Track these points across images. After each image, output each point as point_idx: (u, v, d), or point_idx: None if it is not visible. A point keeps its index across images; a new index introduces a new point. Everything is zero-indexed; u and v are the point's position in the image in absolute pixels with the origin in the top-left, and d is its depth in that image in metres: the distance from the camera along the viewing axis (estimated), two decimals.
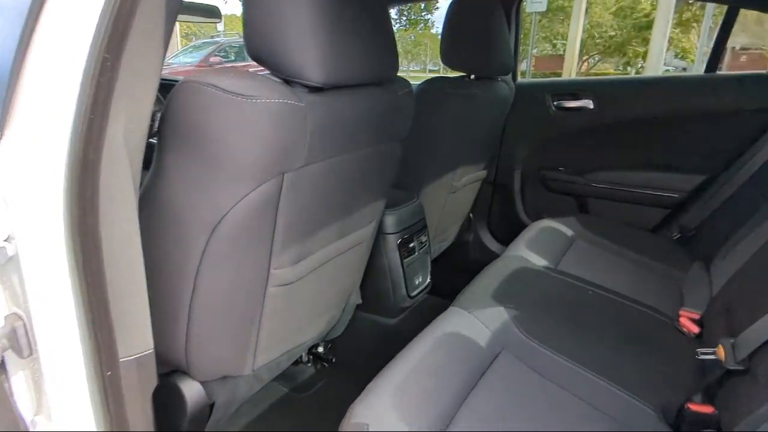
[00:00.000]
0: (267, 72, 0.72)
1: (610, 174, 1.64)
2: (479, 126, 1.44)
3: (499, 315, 0.98)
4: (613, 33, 16.19)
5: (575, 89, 1.70)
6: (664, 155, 1.57)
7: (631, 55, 16.34)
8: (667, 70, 14.72)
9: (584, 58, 17.01)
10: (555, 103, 1.73)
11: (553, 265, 1.29)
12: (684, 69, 17.84)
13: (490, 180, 1.88)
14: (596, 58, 17.96)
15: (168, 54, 1.20)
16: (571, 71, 13.85)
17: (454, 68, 1.41)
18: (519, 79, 1.82)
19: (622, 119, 1.62)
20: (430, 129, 1.32)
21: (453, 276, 1.91)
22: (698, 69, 10.56)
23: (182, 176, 0.67)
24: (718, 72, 1.53)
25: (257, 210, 0.69)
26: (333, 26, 0.68)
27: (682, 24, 14.81)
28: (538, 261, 1.28)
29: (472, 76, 1.44)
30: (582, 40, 15.13)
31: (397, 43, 0.86)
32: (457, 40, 1.36)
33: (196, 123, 0.63)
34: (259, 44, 0.69)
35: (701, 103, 1.48)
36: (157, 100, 0.56)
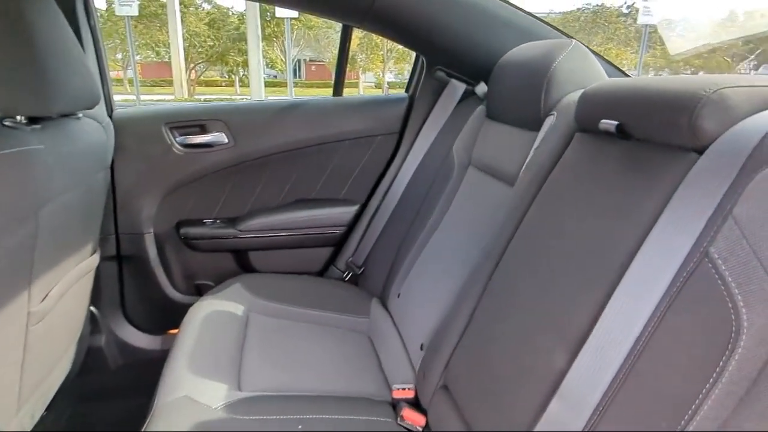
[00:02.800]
0: None
1: (266, 219, 1.29)
2: (57, 199, 0.79)
3: None
4: (212, 43, 16.26)
5: (200, 118, 1.24)
6: (314, 187, 1.34)
7: (232, 64, 16.90)
8: (264, 78, 16.02)
9: (191, 66, 16.50)
10: (178, 138, 1.23)
11: (236, 386, 0.85)
12: (275, 77, 19.98)
13: (110, 254, 1.23)
14: (202, 66, 17.75)
15: None
16: (181, 79, 13.11)
17: None
18: (117, 108, 1.21)
19: (264, 152, 1.27)
20: None
21: None
22: (289, 77, 11.82)
23: None
24: (346, 95, 1.38)
25: None
26: None
27: (266, 38, 16.30)
28: (212, 394, 0.80)
29: (20, 118, 0.77)
30: (185, 49, 14.54)
31: None
32: None
33: None
34: None
35: (338, 128, 1.30)
36: None
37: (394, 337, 1.04)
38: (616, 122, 0.56)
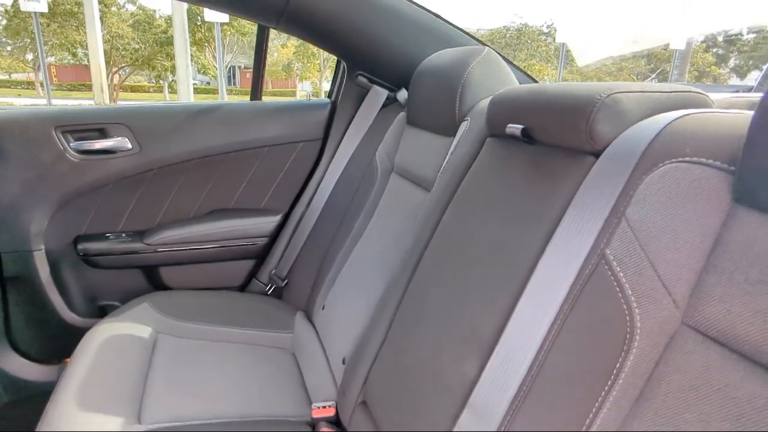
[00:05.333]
0: None
1: (178, 231, 1.19)
2: None
3: None
4: (137, 46, 15.31)
5: (99, 121, 1.12)
6: (233, 197, 1.25)
7: (159, 68, 16.00)
8: (195, 84, 15.30)
9: (114, 69, 15.41)
10: (73, 144, 1.10)
11: (135, 418, 0.75)
12: (208, 83, 19.17)
13: None
14: (127, 70, 16.66)
15: None
16: (101, 83, 12.18)
17: None
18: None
19: (174, 159, 1.17)
20: None
21: None
22: (221, 83, 11.33)
23: None
24: (264, 100, 1.31)
25: None
26: None
27: (197, 43, 15.62)
28: (103, 430, 0.71)
29: None
30: (106, 51, 13.57)
31: None
32: None
33: None
34: None
35: (257, 134, 1.22)
36: None
37: (317, 352, 0.98)
38: (521, 126, 0.55)
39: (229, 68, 19.57)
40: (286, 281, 1.23)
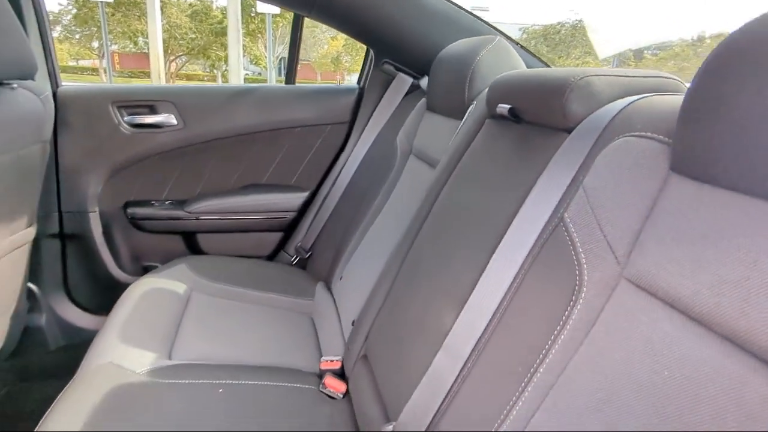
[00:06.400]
0: None
1: (215, 202, 1.31)
2: None
3: None
4: (193, 36, 16.05)
5: (149, 98, 1.25)
6: (265, 173, 1.36)
7: (214, 58, 16.69)
8: (247, 74, 15.84)
9: (171, 58, 16.23)
10: (126, 118, 1.24)
11: (166, 355, 0.87)
12: (259, 74, 19.78)
13: (53, 232, 1.23)
14: (183, 59, 17.50)
15: None
16: (159, 71, 12.89)
17: None
18: (64, 83, 1.22)
19: (214, 135, 1.29)
20: None
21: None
22: (270, 75, 11.71)
23: None
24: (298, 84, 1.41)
25: None
26: None
27: (250, 34, 16.15)
28: (140, 361, 0.82)
29: None
30: (165, 40, 14.32)
31: None
32: None
33: None
34: None
35: (289, 115, 1.33)
36: None
37: (332, 317, 1.07)
38: (509, 106, 0.61)
39: (280, 59, 20.11)
40: (309, 253, 1.32)
